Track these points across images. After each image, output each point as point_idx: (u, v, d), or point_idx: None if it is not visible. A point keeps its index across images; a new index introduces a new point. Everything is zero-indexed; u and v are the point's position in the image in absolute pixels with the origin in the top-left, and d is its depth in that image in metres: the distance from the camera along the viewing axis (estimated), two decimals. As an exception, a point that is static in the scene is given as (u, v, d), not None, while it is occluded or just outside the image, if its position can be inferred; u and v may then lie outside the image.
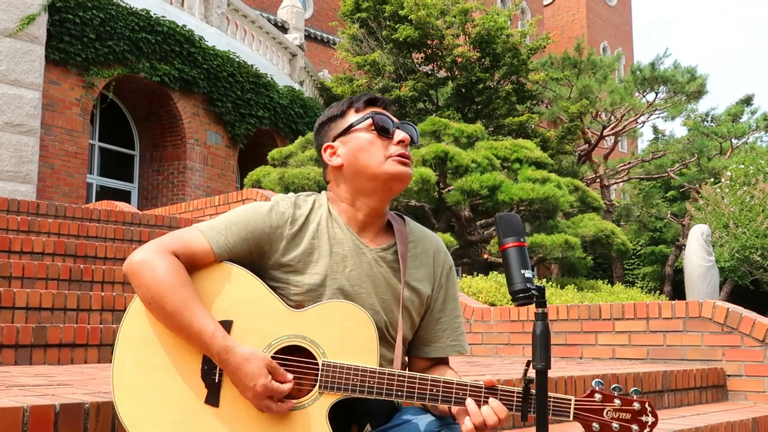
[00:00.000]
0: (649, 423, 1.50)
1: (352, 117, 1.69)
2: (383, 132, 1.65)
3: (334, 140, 1.70)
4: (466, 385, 1.51)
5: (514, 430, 2.82)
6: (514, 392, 1.50)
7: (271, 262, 1.62)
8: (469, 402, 1.49)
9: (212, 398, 1.50)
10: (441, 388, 1.50)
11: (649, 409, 1.50)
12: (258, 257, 1.62)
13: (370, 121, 1.66)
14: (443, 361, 1.77)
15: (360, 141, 1.66)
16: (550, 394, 1.47)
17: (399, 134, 1.66)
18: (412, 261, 1.71)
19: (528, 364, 1.46)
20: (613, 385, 1.52)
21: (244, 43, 14.74)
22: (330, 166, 1.70)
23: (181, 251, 1.55)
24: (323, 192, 1.74)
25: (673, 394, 3.75)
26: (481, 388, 1.50)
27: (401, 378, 1.50)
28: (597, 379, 1.53)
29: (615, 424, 1.49)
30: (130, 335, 1.53)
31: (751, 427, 3.33)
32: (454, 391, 1.50)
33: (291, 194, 1.71)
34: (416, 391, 1.50)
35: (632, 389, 1.53)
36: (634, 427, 1.50)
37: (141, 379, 1.50)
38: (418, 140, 1.72)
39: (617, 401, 1.51)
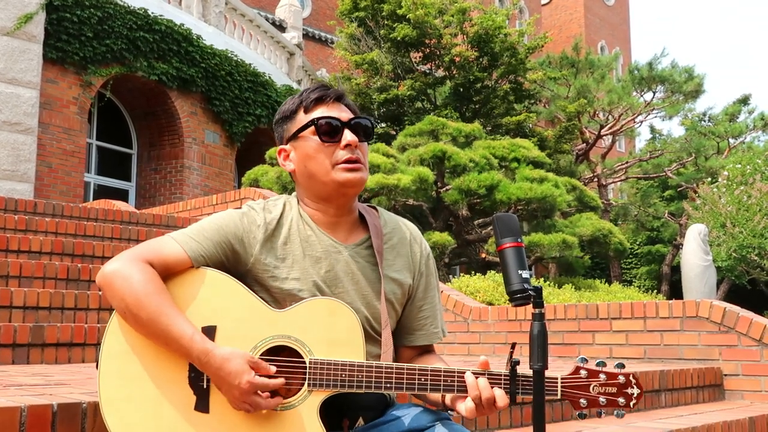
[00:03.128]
0: (635, 395, 1.53)
1: (300, 118, 1.66)
2: (328, 137, 1.62)
3: (286, 143, 1.69)
4: (454, 372, 1.51)
5: (512, 429, 2.82)
6: (501, 375, 1.51)
7: (248, 267, 1.62)
8: (468, 375, 1.50)
9: (201, 405, 1.49)
10: (429, 377, 1.51)
11: (633, 381, 1.54)
12: (234, 262, 1.61)
13: (314, 126, 1.63)
14: (428, 349, 1.78)
15: (306, 148, 1.64)
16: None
17: (346, 137, 1.62)
18: (390, 252, 1.70)
19: (513, 347, 1.48)
20: (597, 360, 1.55)
21: (242, 41, 14.73)
22: (287, 172, 1.71)
23: (154, 258, 1.53)
24: (293, 194, 1.74)
25: (670, 393, 3.76)
26: (472, 376, 1.51)
27: (389, 370, 1.51)
28: (580, 356, 1.55)
29: (602, 398, 1.52)
30: (113, 349, 1.51)
31: (748, 426, 3.34)
32: (441, 378, 1.51)
33: (260, 200, 1.70)
34: (405, 381, 1.50)
35: (616, 363, 1.55)
36: (620, 399, 1.53)
37: (128, 391, 1.49)
38: (372, 135, 1.69)
39: (602, 376, 1.53)
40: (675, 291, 17.00)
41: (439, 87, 17.10)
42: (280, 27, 18.98)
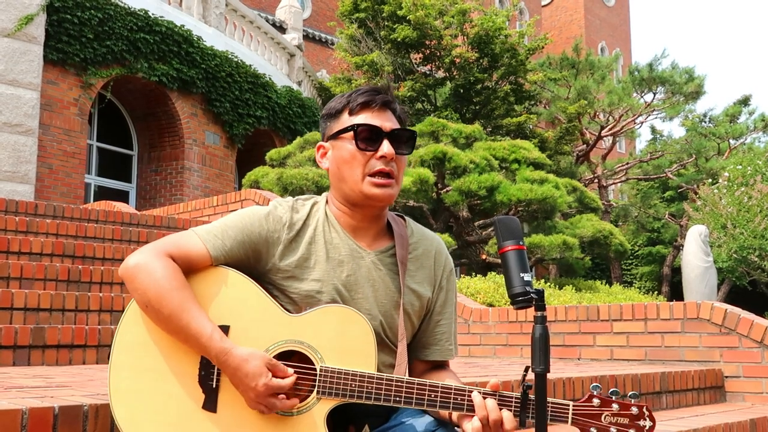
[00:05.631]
0: (647, 427, 1.50)
1: (344, 119, 1.65)
2: (365, 145, 1.61)
3: (327, 140, 1.69)
4: (465, 391, 1.50)
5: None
6: (512, 397, 1.49)
7: (268, 267, 1.61)
8: (475, 395, 1.48)
9: (210, 404, 1.50)
10: (439, 394, 1.50)
11: (646, 413, 1.50)
12: (255, 261, 1.61)
13: (353, 131, 1.62)
14: (442, 364, 1.76)
15: (343, 151, 1.63)
16: (548, 399, 1.46)
17: (383, 148, 1.60)
18: (413, 263, 1.69)
19: (526, 370, 1.46)
20: (611, 389, 1.52)
21: (243, 43, 14.74)
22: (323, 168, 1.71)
23: (177, 254, 1.54)
24: (324, 194, 1.73)
25: (671, 395, 3.75)
26: (479, 392, 1.50)
27: (399, 383, 1.50)
28: (594, 384, 1.53)
29: (613, 429, 1.49)
30: (127, 340, 1.52)
31: (749, 428, 3.33)
32: (452, 396, 1.50)
33: (289, 198, 1.69)
34: (414, 396, 1.50)
35: (630, 393, 1.52)
36: (632, 431, 1.50)
37: (137, 384, 1.50)
38: (413, 148, 1.67)
39: (615, 406, 1.50)
40: (675, 292, 16.99)
41: (439, 88, 17.11)
42: (281, 28, 18.98)
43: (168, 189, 13.04)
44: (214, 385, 1.50)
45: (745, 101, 20.55)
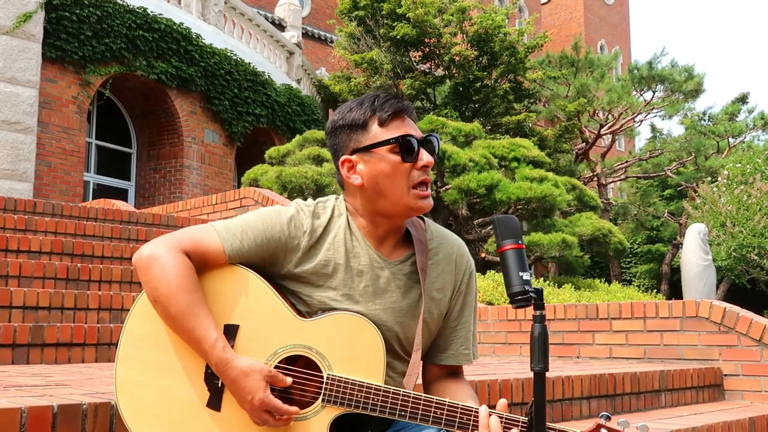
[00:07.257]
0: None
1: (375, 130, 1.56)
2: (408, 157, 1.55)
3: (352, 153, 1.58)
4: (471, 410, 1.47)
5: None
6: (519, 421, 1.46)
7: (284, 272, 1.59)
8: (482, 409, 1.46)
9: (214, 402, 1.50)
10: (445, 411, 1.47)
11: None
12: (270, 264, 1.58)
13: (395, 144, 1.55)
14: (457, 372, 1.72)
15: (383, 165, 1.55)
16: (556, 426, 1.44)
17: (423, 158, 1.56)
18: (433, 269, 1.65)
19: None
20: (621, 419, 1.47)
21: (242, 41, 14.72)
22: (347, 182, 1.61)
23: (193, 250, 1.52)
24: (339, 197, 1.67)
25: (670, 393, 3.76)
26: (486, 411, 1.47)
27: (406, 398, 1.48)
28: (603, 413, 1.49)
29: None
30: (135, 332, 1.52)
31: (748, 426, 3.34)
32: (458, 415, 1.47)
33: (310, 201, 1.64)
34: (420, 412, 1.48)
35: (639, 425, 1.46)
36: None
37: (144, 377, 1.50)
38: (439, 152, 1.65)
39: None
40: (675, 290, 17.00)
41: (438, 86, 17.09)
42: (280, 26, 18.96)
43: (167, 187, 13.03)
44: (219, 384, 1.50)
45: (743, 99, 20.54)
